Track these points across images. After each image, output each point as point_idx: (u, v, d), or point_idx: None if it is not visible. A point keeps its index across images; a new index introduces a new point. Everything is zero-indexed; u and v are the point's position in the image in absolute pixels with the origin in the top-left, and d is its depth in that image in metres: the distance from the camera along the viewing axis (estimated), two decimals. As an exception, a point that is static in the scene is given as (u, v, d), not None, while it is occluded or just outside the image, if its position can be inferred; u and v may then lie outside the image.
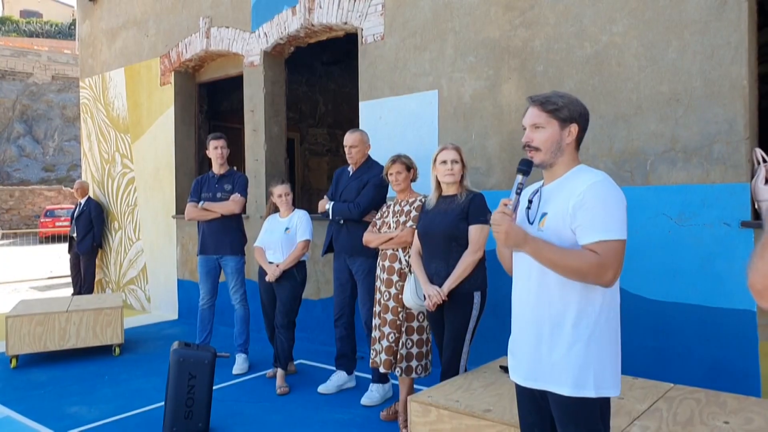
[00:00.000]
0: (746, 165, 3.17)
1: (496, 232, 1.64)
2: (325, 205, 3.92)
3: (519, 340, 1.75)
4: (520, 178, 1.69)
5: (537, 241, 1.62)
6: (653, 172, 3.45)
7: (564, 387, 1.62)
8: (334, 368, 4.10)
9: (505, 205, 1.68)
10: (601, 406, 1.64)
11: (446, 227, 2.93)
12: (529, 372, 1.70)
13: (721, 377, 3.21)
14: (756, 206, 3.15)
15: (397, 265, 3.36)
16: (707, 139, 3.28)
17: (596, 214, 1.57)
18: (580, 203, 1.59)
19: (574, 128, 1.70)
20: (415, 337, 3.30)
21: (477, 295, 2.92)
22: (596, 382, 1.60)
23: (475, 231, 2.91)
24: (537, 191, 1.76)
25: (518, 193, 1.68)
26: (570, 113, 1.69)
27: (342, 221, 3.85)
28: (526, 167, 1.71)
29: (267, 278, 4.07)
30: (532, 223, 1.71)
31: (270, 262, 4.11)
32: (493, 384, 2.71)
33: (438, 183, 3.05)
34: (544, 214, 1.68)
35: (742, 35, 3.16)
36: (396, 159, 3.45)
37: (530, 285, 1.70)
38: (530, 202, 1.76)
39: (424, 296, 2.97)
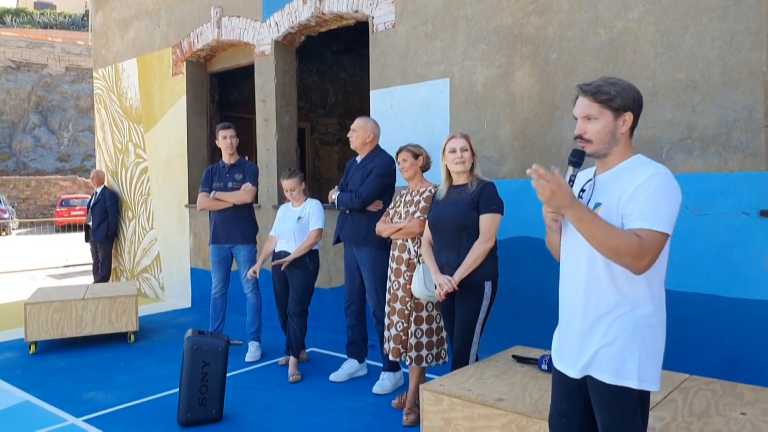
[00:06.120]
0: (765, 153, 3.10)
1: (541, 187, 1.52)
2: (332, 195, 3.93)
3: (566, 328, 1.74)
4: (571, 170, 1.63)
5: (583, 207, 1.54)
6: (669, 160, 3.40)
7: (606, 374, 1.61)
8: (345, 356, 4.12)
9: None
10: (641, 398, 1.62)
11: (457, 217, 2.92)
12: (574, 360, 1.69)
13: (737, 368, 3.17)
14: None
15: (405, 255, 3.36)
16: (725, 127, 3.21)
17: (649, 203, 1.53)
18: (636, 193, 1.55)
19: (628, 117, 1.63)
20: (424, 326, 3.29)
21: (488, 285, 2.91)
22: (640, 374, 1.58)
23: (486, 220, 2.89)
24: (591, 180, 1.72)
25: (570, 185, 1.62)
26: (623, 102, 1.62)
27: (347, 211, 3.85)
28: (578, 158, 1.64)
29: (264, 265, 4.11)
30: None
31: (281, 251, 4.14)
32: (505, 373, 2.71)
33: (448, 173, 3.03)
34: (597, 204, 1.63)
35: (762, 20, 3.09)
36: (403, 148, 3.47)
37: (579, 275, 1.68)
38: (582, 191, 1.72)
39: (435, 286, 2.96)
